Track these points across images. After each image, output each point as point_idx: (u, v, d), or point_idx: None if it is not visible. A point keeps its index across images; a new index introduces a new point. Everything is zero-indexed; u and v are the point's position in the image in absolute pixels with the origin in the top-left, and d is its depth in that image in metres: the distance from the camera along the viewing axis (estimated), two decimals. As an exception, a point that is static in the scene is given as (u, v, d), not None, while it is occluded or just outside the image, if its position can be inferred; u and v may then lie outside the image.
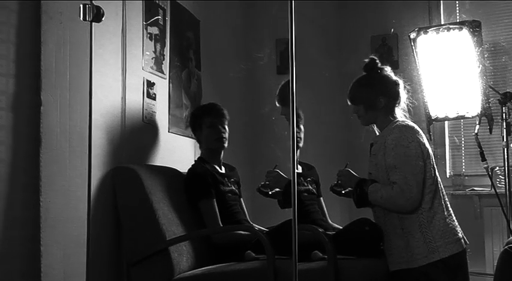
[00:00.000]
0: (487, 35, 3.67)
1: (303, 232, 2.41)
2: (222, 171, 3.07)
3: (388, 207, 2.61)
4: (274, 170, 3.04)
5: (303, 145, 3.18)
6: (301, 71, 1.82)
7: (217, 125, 3.03)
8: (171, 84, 3.26)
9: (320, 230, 2.50)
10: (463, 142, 4.13)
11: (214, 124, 3.02)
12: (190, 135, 3.29)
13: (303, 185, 3.15)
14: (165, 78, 3.21)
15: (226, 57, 4.04)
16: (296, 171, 1.71)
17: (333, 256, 2.35)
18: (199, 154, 3.10)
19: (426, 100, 3.51)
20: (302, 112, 3.17)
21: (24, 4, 2.27)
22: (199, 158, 3.05)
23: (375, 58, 2.80)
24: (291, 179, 1.70)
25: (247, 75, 4.12)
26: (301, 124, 3.16)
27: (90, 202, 2.07)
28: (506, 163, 3.23)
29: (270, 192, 3.01)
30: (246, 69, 4.04)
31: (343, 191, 2.82)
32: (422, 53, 3.47)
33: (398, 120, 2.72)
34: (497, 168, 3.75)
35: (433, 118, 3.52)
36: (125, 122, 2.81)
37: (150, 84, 3.05)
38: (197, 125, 3.07)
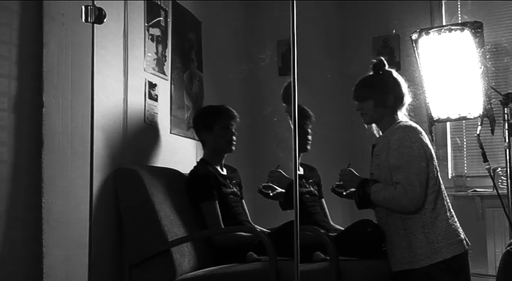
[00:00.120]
0: (489, 36, 3.65)
1: (305, 233, 2.41)
2: (224, 173, 3.07)
3: (391, 207, 2.61)
4: (277, 170, 3.04)
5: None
6: (302, 72, 1.81)
7: (230, 127, 3.02)
8: (172, 86, 3.26)
9: (322, 232, 2.50)
10: (465, 143, 4.11)
11: (227, 126, 3.01)
12: (192, 136, 3.29)
13: (304, 187, 3.15)
14: (166, 80, 3.21)
15: (228, 58, 4.04)
16: (298, 173, 1.71)
17: (334, 257, 2.35)
18: (201, 155, 3.10)
19: (428, 101, 3.50)
20: (312, 113, 3.16)
21: (26, 5, 2.27)
22: (202, 160, 3.04)
23: (383, 59, 2.83)
24: (292, 180, 1.70)
25: (249, 76, 4.11)
26: (310, 127, 3.16)
27: (92, 203, 2.08)
28: (508, 163, 3.22)
29: (271, 193, 3.00)
30: (247, 71, 4.03)
31: (345, 193, 2.82)
32: (424, 54, 3.46)
33: (401, 120, 2.73)
34: (499, 169, 3.74)
35: (435, 119, 3.52)
36: (126, 123, 2.81)
37: (151, 86, 3.05)
38: (206, 125, 3.01)
